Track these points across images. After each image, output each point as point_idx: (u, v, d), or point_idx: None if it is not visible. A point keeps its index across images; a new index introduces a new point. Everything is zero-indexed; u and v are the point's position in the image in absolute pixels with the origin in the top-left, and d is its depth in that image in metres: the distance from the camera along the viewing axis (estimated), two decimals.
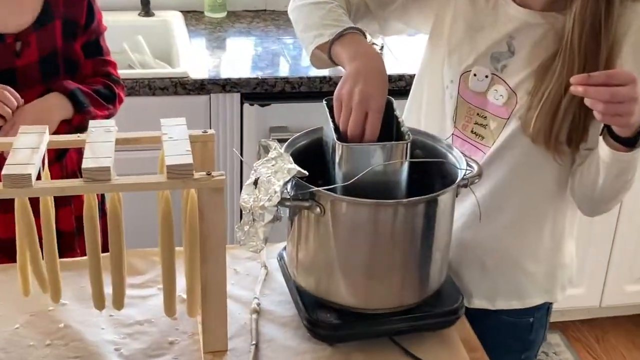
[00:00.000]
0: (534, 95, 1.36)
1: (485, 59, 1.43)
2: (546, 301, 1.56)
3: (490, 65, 1.42)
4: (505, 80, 1.41)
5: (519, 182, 1.45)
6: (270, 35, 2.66)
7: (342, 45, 1.35)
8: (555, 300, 1.57)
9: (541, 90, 1.35)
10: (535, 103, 1.35)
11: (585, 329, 2.99)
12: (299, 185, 1.23)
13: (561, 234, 1.52)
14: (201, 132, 1.26)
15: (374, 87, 1.27)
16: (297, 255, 1.32)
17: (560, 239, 1.52)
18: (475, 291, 1.52)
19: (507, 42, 1.40)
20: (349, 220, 1.23)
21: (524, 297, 1.53)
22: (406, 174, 1.29)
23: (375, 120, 1.26)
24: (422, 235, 1.26)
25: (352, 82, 1.27)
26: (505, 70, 1.41)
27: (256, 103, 2.34)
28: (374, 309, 1.29)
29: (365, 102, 1.26)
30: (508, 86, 1.40)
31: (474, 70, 1.44)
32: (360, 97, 1.26)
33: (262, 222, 1.18)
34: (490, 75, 1.42)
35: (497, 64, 1.42)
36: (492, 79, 1.42)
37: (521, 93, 1.39)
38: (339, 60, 1.35)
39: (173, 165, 1.11)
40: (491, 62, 1.42)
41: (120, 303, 1.25)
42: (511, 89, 1.40)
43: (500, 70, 1.41)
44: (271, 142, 1.26)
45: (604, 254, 2.81)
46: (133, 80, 2.24)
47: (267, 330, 1.33)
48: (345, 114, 1.27)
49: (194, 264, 1.20)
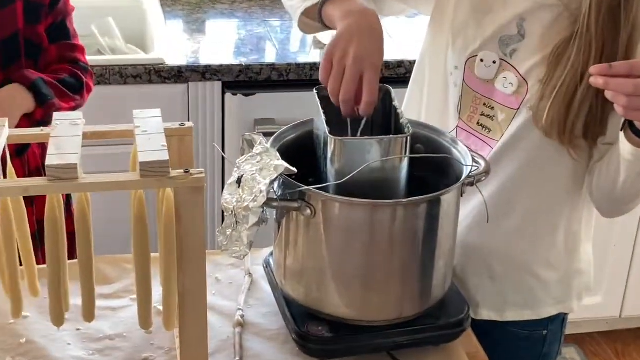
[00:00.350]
0: (546, 84, 1.36)
1: (494, 43, 1.43)
2: (561, 312, 1.56)
3: (498, 50, 1.42)
4: (515, 66, 1.41)
5: (530, 180, 1.45)
6: (254, 17, 2.66)
7: (334, 4, 1.37)
8: (571, 310, 1.57)
9: (555, 77, 1.35)
10: (548, 92, 1.35)
11: (604, 342, 3.00)
12: (287, 184, 1.23)
13: (577, 236, 1.52)
14: (178, 125, 1.26)
15: (370, 44, 1.28)
16: (285, 262, 1.32)
17: (575, 243, 1.53)
18: (482, 301, 1.52)
19: (518, 24, 1.41)
20: (342, 223, 1.24)
21: (536, 307, 1.54)
22: (406, 171, 1.29)
23: (373, 77, 1.26)
24: (424, 239, 1.26)
25: (346, 41, 1.28)
26: (515, 55, 1.41)
27: (239, 92, 2.34)
28: (371, 320, 1.30)
29: (360, 61, 1.26)
30: (518, 73, 1.41)
31: (481, 55, 1.44)
32: (354, 55, 1.26)
33: (246, 225, 1.18)
34: (499, 61, 1.42)
35: (506, 48, 1.42)
36: (501, 65, 1.43)
37: (532, 81, 1.39)
38: (331, 21, 1.37)
39: (147, 162, 1.11)
40: (500, 46, 1.42)
41: (90, 315, 1.25)
42: (521, 76, 1.40)
43: (510, 55, 1.42)
44: (256, 136, 1.26)
45: (624, 259, 2.82)
46: (102, 67, 2.23)
47: (252, 345, 1.33)
48: (336, 74, 1.27)
49: (170, 271, 1.20)
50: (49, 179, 1.09)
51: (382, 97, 1.33)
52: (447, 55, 1.49)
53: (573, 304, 1.56)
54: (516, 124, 1.42)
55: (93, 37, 2.49)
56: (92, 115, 1.34)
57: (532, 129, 1.40)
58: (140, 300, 1.23)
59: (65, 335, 1.32)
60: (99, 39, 2.50)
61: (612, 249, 2.76)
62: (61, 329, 1.31)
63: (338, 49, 1.28)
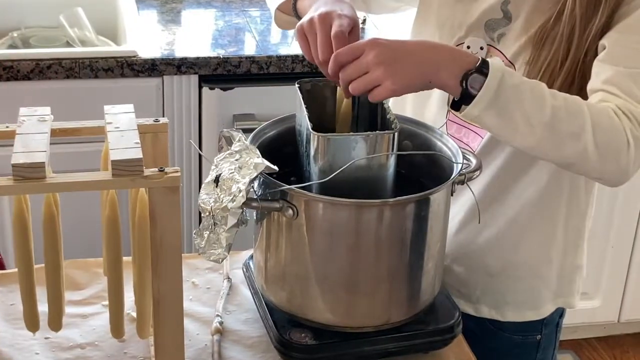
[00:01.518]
0: (533, 65, 1.38)
1: (480, 28, 1.44)
2: (560, 306, 1.57)
3: (485, 36, 1.44)
4: (502, 51, 1.43)
5: (522, 167, 1.46)
6: (233, 7, 2.66)
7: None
8: (572, 306, 1.58)
9: (541, 58, 1.37)
10: (534, 73, 1.37)
11: (602, 347, 3.02)
12: (268, 183, 1.23)
13: (578, 229, 1.53)
14: (152, 121, 1.26)
15: (336, 5, 1.30)
16: (267, 265, 1.32)
17: (577, 236, 1.54)
18: (483, 297, 1.53)
19: (502, 7, 1.42)
20: (326, 224, 1.24)
21: (536, 305, 1.54)
22: (393, 169, 1.29)
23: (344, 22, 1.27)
24: (412, 241, 1.27)
25: (312, 13, 1.31)
26: (502, 39, 1.43)
27: (217, 86, 2.34)
28: (357, 327, 1.30)
29: (328, 16, 1.28)
30: (505, 57, 1.42)
31: (467, 41, 1.45)
32: (319, 15, 1.29)
33: (225, 226, 1.18)
34: (486, 46, 1.44)
35: (493, 33, 1.44)
36: (488, 51, 1.44)
37: (519, 63, 1.41)
38: (305, 13, 1.38)
39: (119, 161, 1.11)
40: (486, 31, 1.44)
41: (58, 323, 1.25)
42: (508, 60, 1.42)
43: (497, 40, 1.43)
44: (235, 132, 1.26)
45: (622, 260, 2.84)
46: (72, 60, 2.22)
47: (232, 353, 1.33)
48: (312, 41, 1.29)
49: (144, 276, 1.20)
50: (15, 179, 1.09)
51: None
52: None
53: (574, 300, 1.58)
54: None
55: (61, 28, 2.48)
56: (60, 111, 1.33)
57: None
58: (113, 307, 1.23)
59: (33, 344, 1.32)
60: (68, 30, 2.49)
61: (609, 251, 2.77)
62: (29, 338, 1.30)
63: (305, 20, 1.31)
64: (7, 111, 1.50)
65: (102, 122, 1.22)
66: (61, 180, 1.11)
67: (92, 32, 2.51)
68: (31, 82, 2.21)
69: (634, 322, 2.99)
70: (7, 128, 1.24)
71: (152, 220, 1.15)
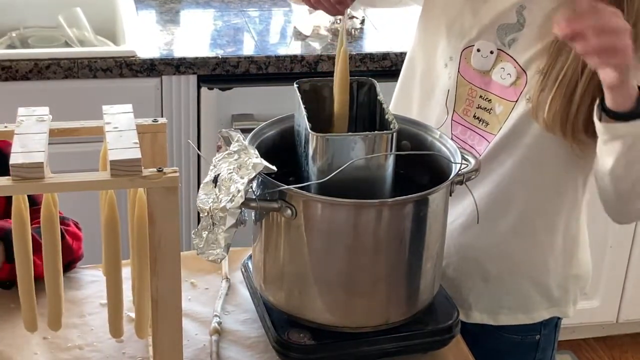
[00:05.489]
0: (547, 75, 1.37)
1: (491, 31, 1.44)
2: (555, 315, 1.57)
3: (496, 40, 1.43)
4: (513, 56, 1.42)
5: (528, 176, 1.46)
6: (232, 7, 2.66)
7: None
8: (567, 315, 1.58)
9: (556, 68, 1.36)
10: (549, 84, 1.36)
11: (600, 348, 3.02)
12: (266, 184, 1.23)
13: (575, 240, 1.53)
14: (151, 121, 1.26)
15: None
16: (265, 266, 1.32)
17: (574, 245, 1.53)
18: (475, 303, 1.53)
19: (517, 12, 1.41)
20: (325, 224, 1.24)
21: (530, 311, 1.54)
22: (391, 170, 1.29)
23: None
24: (411, 241, 1.27)
25: None
26: (513, 45, 1.42)
27: (216, 87, 2.34)
28: (355, 327, 1.30)
29: None
30: (517, 63, 1.41)
31: (478, 45, 1.45)
32: None
33: (224, 226, 1.18)
34: (496, 51, 1.43)
35: (505, 38, 1.43)
36: (498, 56, 1.43)
37: (532, 72, 1.40)
38: None
39: (118, 161, 1.11)
40: (498, 35, 1.43)
41: (57, 323, 1.25)
42: (520, 66, 1.41)
43: (508, 45, 1.42)
44: (233, 132, 1.26)
45: (621, 260, 2.84)
46: (70, 60, 2.22)
47: (230, 353, 1.33)
48: None
49: (143, 276, 1.19)
50: (14, 179, 1.09)
51: (366, 91, 1.34)
52: (441, 46, 1.49)
53: (569, 309, 1.57)
54: (514, 116, 1.42)
55: (60, 28, 2.48)
56: (59, 111, 1.33)
57: (531, 123, 1.41)
58: (111, 307, 1.23)
59: (32, 344, 1.32)
60: (67, 30, 2.48)
61: (608, 251, 2.77)
62: (28, 338, 1.30)
63: None
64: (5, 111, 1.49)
65: (100, 122, 1.22)
66: (60, 180, 1.11)
67: (91, 32, 2.51)
68: (30, 82, 2.21)
69: (632, 322, 2.99)
70: (6, 128, 1.24)
71: (150, 221, 1.15)
